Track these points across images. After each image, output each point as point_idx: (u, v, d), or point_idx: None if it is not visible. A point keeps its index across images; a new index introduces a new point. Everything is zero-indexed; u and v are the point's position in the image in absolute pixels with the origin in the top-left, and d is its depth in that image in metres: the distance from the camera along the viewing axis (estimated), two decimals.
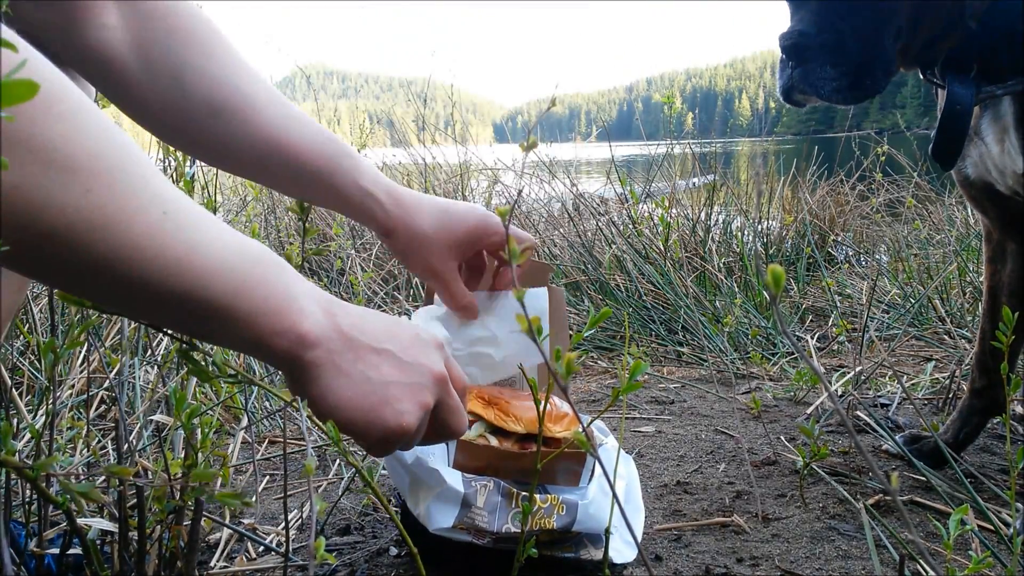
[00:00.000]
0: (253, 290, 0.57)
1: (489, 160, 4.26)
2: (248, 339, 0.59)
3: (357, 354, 0.65)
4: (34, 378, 1.59)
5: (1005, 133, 1.09)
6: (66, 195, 0.47)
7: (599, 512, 0.95)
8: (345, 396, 0.64)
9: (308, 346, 0.61)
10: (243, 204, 3.75)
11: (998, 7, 1.05)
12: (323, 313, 0.63)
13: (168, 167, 1.85)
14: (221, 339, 0.60)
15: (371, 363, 0.66)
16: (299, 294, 0.61)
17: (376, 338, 0.67)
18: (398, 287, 3.00)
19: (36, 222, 0.46)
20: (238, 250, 0.57)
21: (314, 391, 0.64)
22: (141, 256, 0.51)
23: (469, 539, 0.93)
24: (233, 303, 0.56)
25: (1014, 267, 1.27)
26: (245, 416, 1.35)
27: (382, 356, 0.67)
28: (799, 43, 1.05)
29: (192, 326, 0.60)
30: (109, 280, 0.51)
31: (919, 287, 2.73)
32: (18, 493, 1.08)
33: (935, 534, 1.13)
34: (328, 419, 0.64)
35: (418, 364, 0.69)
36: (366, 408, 0.65)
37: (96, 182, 0.48)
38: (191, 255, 0.53)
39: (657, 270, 2.78)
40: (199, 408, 0.76)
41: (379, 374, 0.66)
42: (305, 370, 0.63)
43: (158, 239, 0.51)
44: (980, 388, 1.35)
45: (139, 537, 0.78)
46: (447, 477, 0.93)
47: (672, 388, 1.95)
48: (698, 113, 5.09)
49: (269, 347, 0.60)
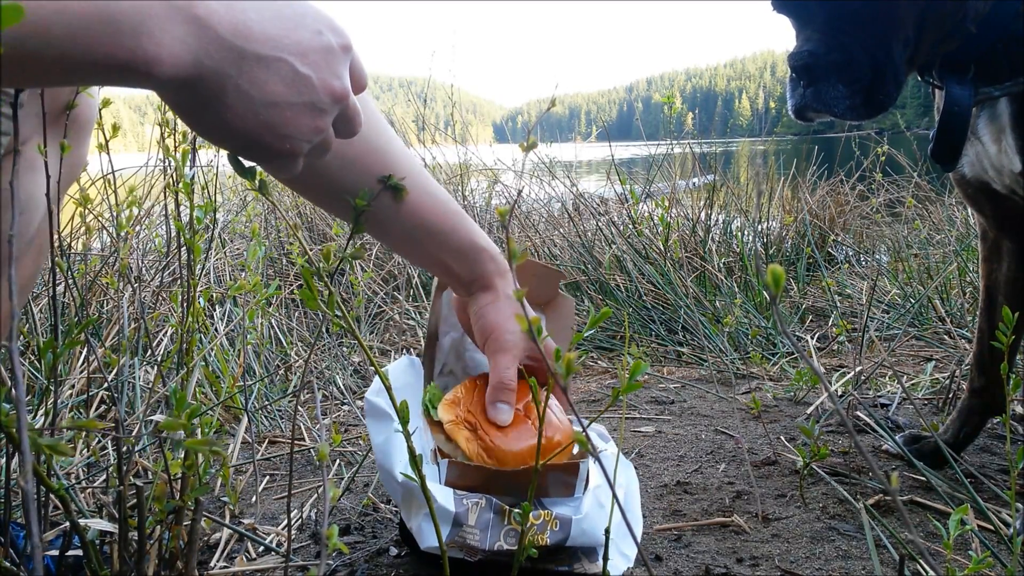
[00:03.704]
0: (97, 27, 0.50)
1: (489, 160, 4.26)
2: (113, 77, 0.54)
3: (240, 68, 0.56)
4: (34, 378, 1.59)
5: (1002, 133, 1.09)
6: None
7: (593, 527, 0.94)
8: (223, 121, 0.58)
9: (171, 72, 0.54)
10: (243, 204, 3.75)
11: (996, 8, 1.05)
12: (189, 28, 0.54)
13: (168, 167, 1.85)
14: (90, 82, 0.55)
15: (256, 79, 0.57)
16: (152, 15, 0.52)
17: (268, 42, 0.57)
18: (398, 287, 3.00)
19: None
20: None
21: (193, 120, 0.59)
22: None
23: (461, 556, 0.93)
24: (86, 48, 0.50)
25: (1011, 265, 1.28)
26: (245, 416, 1.35)
27: (272, 68, 0.57)
28: (809, 63, 1.05)
29: (56, 78, 0.55)
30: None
31: (919, 287, 2.73)
32: (18, 494, 1.08)
33: (935, 534, 1.13)
34: (218, 146, 0.59)
35: (316, 78, 0.60)
36: (249, 133, 0.59)
37: None
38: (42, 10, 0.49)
39: (657, 270, 2.78)
40: (199, 408, 0.76)
41: (264, 93, 0.58)
42: (178, 97, 0.57)
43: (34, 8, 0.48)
44: (979, 388, 1.35)
45: (139, 537, 0.78)
46: (438, 496, 0.92)
47: (672, 388, 1.95)
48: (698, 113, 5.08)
49: (137, 82, 0.54)
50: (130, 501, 0.80)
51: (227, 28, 0.55)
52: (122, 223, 1.72)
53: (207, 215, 1.48)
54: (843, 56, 1.04)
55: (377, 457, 0.98)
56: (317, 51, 0.60)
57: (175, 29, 0.53)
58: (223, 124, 0.58)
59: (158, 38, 0.53)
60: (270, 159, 0.62)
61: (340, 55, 0.62)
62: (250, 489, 1.30)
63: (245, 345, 1.72)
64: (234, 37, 0.56)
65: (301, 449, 1.51)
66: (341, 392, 1.90)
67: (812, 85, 1.06)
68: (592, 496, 0.97)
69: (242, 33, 0.56)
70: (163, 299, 2.04)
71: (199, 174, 2.19)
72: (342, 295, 2.75)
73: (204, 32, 0.54)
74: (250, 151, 0.61)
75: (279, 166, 0.63)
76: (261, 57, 0.57)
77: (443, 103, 4.98)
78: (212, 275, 2.53)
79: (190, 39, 0.54)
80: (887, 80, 1.06)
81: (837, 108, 1.06)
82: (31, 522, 0.38)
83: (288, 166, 0.64)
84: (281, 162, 0.63)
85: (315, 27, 0.60)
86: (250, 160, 0.63)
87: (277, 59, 0.57)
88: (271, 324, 2.24)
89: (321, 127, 0.62)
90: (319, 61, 0.60)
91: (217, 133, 0.60)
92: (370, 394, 1.00)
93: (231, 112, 0.57)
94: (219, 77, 0.56)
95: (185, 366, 1.47)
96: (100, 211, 2.32)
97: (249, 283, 1.50)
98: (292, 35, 0.59)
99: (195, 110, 0.58)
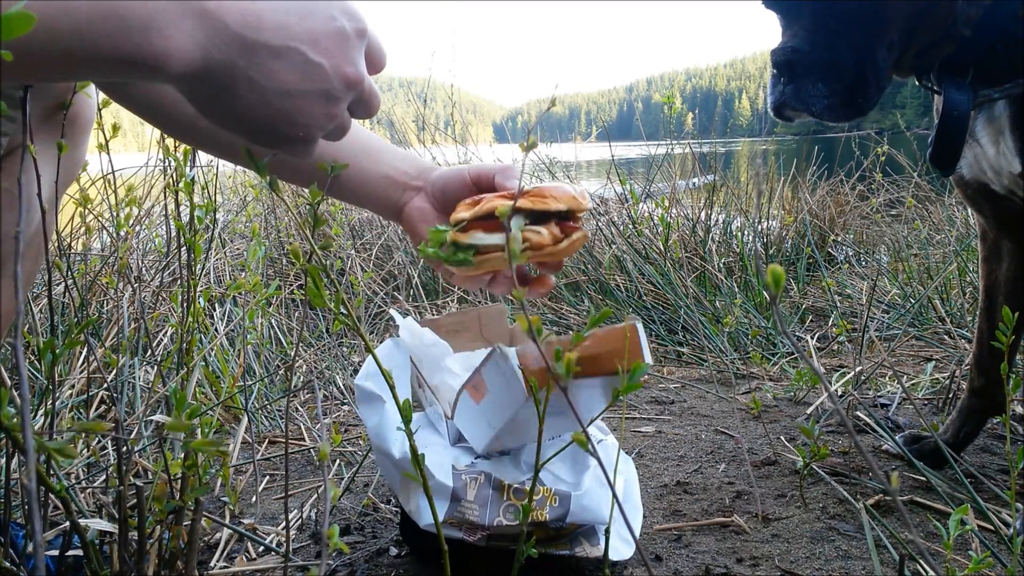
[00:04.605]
0: (103, 23, 0.51)
1: (489, 160, 4.26)
2: (122, 72, 0.54)
3: (249, 60, 0.56)
4: (34, 378, 1.59)
5: (1000, 135, 1.09)
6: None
7: (592, 503, 0.94)
8: (236, 112, 0.58)
9: (180, 67, 0.54)
10: (243, 204, 3.75)
11: (993, 11, 1.05)
12: (198, 22, 0.54)
13: (168, 167, 1.85)
14: (100, 77, 0.56)
15: (267, 70, 0.57)
16: (161, 10, 0.53)
17: (279, 31, 0.57)
18: (398, 287, 3.00)
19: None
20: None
21: (205, 110, 0.59)
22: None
23: (460, 535, 0.93)
24: (92, 44, 0.51)
25: (1010, 265, 1.28)
26: (245, 416, 1.35)
27: (283, 58, 0.57)
28: (792, 59, 1.04)
29: (61, 73, 0.55)
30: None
31: (919, 287, 2.73)
32: (18, 494, 1.08)
33: (935, 534, 1.13)
34: (232, 133, 0.59)
35: (329, 65, 0.59)
36: (261, 122, 0.59)
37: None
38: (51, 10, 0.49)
39: (657, 270, 2.78)
40: (199, 408, 0.76)
41: (276, 82, 0.57)
42: (190, 89, 0.57)
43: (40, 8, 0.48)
44: (979, 387, 1.35)
45: (139, 537, 0.78)
46: (436, 472, 0.92)
47: (672, 388, 1.95)
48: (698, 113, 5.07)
49: (146, 76, 0.54)
50: (130, 501, 0.80)
51: (237, 20, 0.55)
52: (121, 222, 1.71)
53: (207, 215, 1.48)
54: (828, 55, 1.03)
55: (372, 441, 0.98)
56: (330, 37, 0.59)
57: (183, 23, 0.53)
58: (235, 115, 0.59)
59: (166, 33, 0.53)
60: (283, 146, 0.62)
61: (354, 40, 0.61)
62: (250, 489, 1.30)
63: (245, 345, 1.72)
64: (244, 29, 0.55)
65: (301, 449, 1.51)
66: (341, 392, 1.90)
67: (792, 82, 1.05)
68: (592, 474, 0.97)
69: (252, 24, 0.56)
70: (163, 299, 2.04)
71: (199, 174, 2.18)
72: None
73: (213, 25, 0.54)
74: (263, 139, 0.61)
75: (292, 152, 0.63)
76: (272, 47, 0.56)
77: (443, 103, 4.98)
78: (212, 275, 2.53)
79: (199, 33, 0.54)
80: (869, 83, 1.05)
81: (815, 107, 1.05)
82: (33, 521, 0.38)
83: (301, 152, 0.64)
84: (294, 148, 0.63)
85: (328, 13, 0.59)
86: (263, 147, 0.63)
87: (288, 48, 0.57)
88: (271, 324, 2.24)
89: (334, 114, 0.62)
90: (332, 48, 0.59)
91: (230, 123, 0.60)
92: (359, 379, 1.00)
93: (243, 103, 0.57)
94: (229, 69, 0.56)
95: (185, 366, 1.47)
96: (100, 211, 2.32)
97: (249, 283, 1.50)
98: (304, 23, 0.58)
99: (207, 101, 0.58)
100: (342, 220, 3.41)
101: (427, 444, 1.00)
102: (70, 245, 2.13)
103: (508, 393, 0.89)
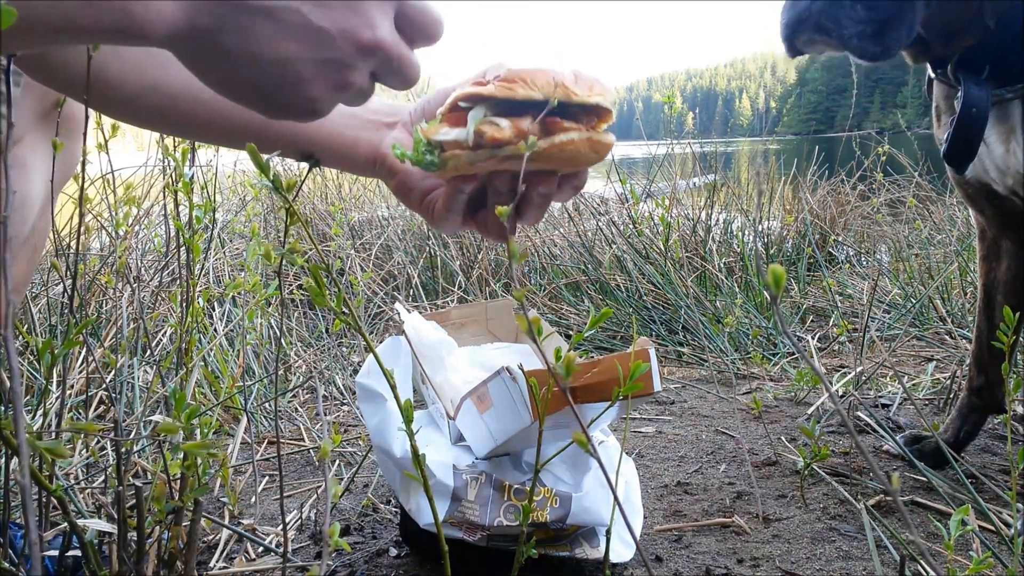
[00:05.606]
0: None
1: None
2: (107, 39, 0.50)
3: (239, 23, 0.51)
4: (33, 378, 1.59)
5: (1011, 134, 1.09)
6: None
7: (593, 504, 0.94)
8: (228, 79, 0.54)
9: (163, 33, 0.50)
10: (242, 204, 3.74)
11: (1011, 8, 1.05)
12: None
13: (168, 167, 1.85)
14: (84, 42, 0.52)
15: (260, 35, 0.51)
16: None
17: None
18: (398, 287, 3.00)
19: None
20: None
21: (200, 75, 0.54)
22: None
23: (460, 535, 0.92)
24: (69, 11, 0.47)
25: (1009, 264, 1.28)
26: (244, 416, 1.34)
27: (280, 22, 0.51)
28: None
29: (43, 41, 0.52)
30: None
31: (920, 287, 2.73)
32: (17, 495, 1.07)
33: (936, 534, 1.12)
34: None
35: (337, 29, 0.52)
36: (258, 90, 0.54)
37: None
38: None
39: (657, 270, 2.78)
40: (199, 408, 0.76)
41: (270, 49, 0.52)
42: (180, 54, 0.53)
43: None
44: (978, 387, 1.34)
45: (138, 538, 0.78)
46: (436, 471, 0.92)
47: (672, 388, 1.94)
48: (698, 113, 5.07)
49: (132, 42, 0.51)
50: (129, 501, 0.80)
51: None
52: (119, 221, 1.71)
53: (206, 215, 1.47)
54: None
55: (373, 440, 0.97)
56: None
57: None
58: (228, 82, 0.54)
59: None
60: (292, 114, 0.57)
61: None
62: (249, 489, 1.29)
63: (244, 345, 1.72)
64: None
65: (301, 449, 1.51)
66: (341, 392, 1.90)
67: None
68: (593, 476, 0.96)
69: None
70: (162, 299, 2.04)
71: (198, 173, 2.18)
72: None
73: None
74: (266, 107, 0.56)
75: (304, 120, 0.59)
76: (268, 9, 0.51)
77: None
78: (211, 275, 2.53)
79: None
80: (904, 22, 0.96)
81: (847, 31, 0.93)
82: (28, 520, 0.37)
83: (314, 118, 0.59)
84: (305, 118, 0.58)
85: None
86: (271, 118, 0.58)
87: (287, 9, 0.51)
88: (271, 324, 2.23)
89: (347, 82, 0.55)
90: (343, 8, 0.53)
91: (226, 90, 0.56)
92: (360, 377, 0.99)
93: (234, 71, 0.53)
94: (216, 35, 0.51)
95: (184, 366, 1.47)
96: (99, 211, 2.32)
97: (248, 283, 1.50)
98: None
99: (199, 66, 0.54)
100: (341, 220, 3.41)
101: (428, 443, 0.99)
102: (68, 245, 2.13)
103: (514, 413, 0.89)
